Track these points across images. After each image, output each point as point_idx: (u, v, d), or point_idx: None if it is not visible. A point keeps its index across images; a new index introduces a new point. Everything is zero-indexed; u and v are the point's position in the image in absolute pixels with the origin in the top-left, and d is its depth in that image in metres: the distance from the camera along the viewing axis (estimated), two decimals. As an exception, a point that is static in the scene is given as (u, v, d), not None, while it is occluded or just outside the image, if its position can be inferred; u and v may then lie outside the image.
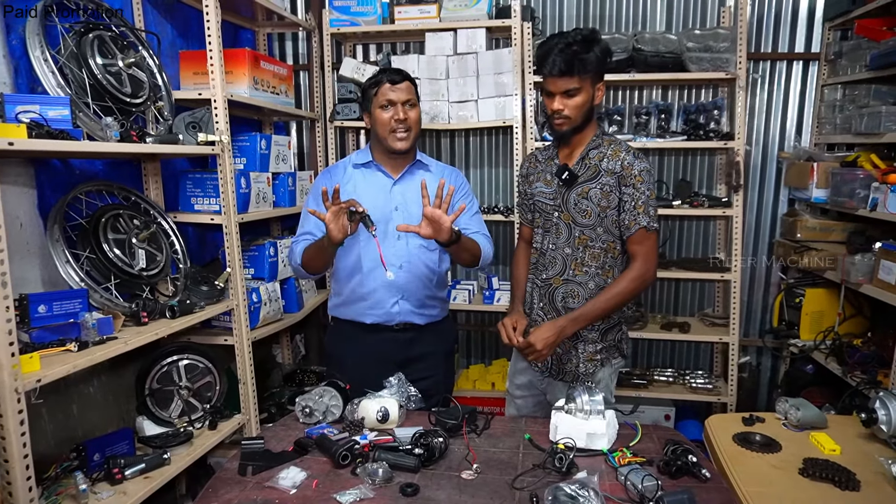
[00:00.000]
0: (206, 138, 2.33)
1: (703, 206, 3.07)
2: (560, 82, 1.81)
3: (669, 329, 3.21)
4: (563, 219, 1.95)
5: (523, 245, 2.20)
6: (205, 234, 2.89)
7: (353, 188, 2.08)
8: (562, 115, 1.85)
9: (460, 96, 3.16)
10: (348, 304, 2.13)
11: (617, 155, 1.88)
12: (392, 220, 2.03)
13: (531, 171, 2.08)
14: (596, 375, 2.01)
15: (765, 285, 3.44)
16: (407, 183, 2.10)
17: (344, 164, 2.16)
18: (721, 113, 3.15)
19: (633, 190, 1.86)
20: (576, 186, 1.91)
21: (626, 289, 1.89)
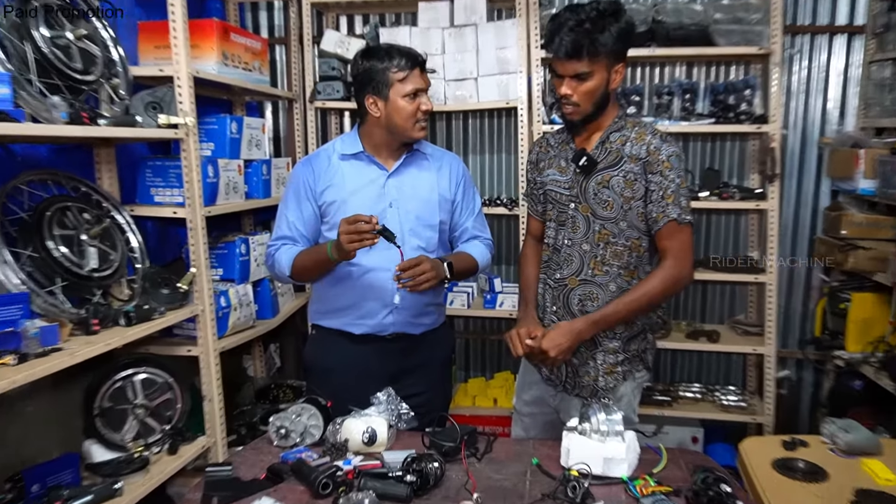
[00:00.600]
0: (168, 121, 2.31)
1: (733, 198, 3.04)
2: (568, 65, 1.79)
3: (696, 338, 3.19)
4: (581, 211, 1.92)
5: (532, 242, 2.17)
6: (166, 230, 2.86)
7: (340, 182, 2.04)
8: (570, 102, 1.84)
9: (458, 74, 3.14)
10: (334, 312, 2.10)
11: (642, 138, 1.85)
12: (386, 220, 2.00)
13: (542, 156, 2.06)
14: (617, 391, 1.98)
15: (805, 289, 3.41)
16: (403, 175, 2.07)
17: (327, 153, 2.10)
18: (753, 93, 3.12)
19: (660, 178, 1.82)
20: (595, 174, 1.88)
21: (656, 290, 1.84)
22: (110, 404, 2.25)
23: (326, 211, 2.05)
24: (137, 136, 2.26)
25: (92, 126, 2.00)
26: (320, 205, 2.05)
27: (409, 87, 1.95)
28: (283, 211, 2.10)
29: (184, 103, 2.37)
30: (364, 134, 2.07)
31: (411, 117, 1.98)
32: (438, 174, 2.11)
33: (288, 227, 2.08)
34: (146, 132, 2.25)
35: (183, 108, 2.37)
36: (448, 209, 2.13)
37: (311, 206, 2.06)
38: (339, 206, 2.02)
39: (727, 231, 3.44)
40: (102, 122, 2.07)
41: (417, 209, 2.06)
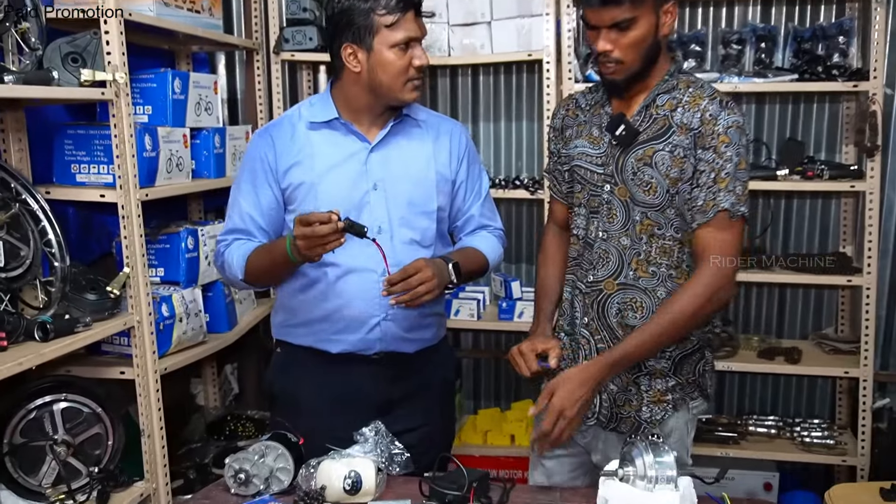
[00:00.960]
0: (92, 77, 2.32)
1: (821, 177, 3.07)
2: (604, 13, 1.79)
3: (771, 358, 3.22)
4: (618, 194, 1.94)
5: (554, 231, 2.19)
6: (91, 218, 2.89)
7: (308, 159, 2.05)
8: (611, 58, 1.84)
9: (466, 17, 3.17)
10: (305, 325, 2.12)
11: (696, 103, 1.86)
12: (369, 206, 2.03)
13: (569, 122, 2.07)
14: (666, 425, 2.00)
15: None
16: (390, 148, 2.08)
17: (291, 120, 2.11)
18: (849, 41, 3.13)
19: (713, 154, 1.83)
20: (636, 147, 1.90)
21: (688, 311, 1.84)
22: (23, 440, 2.27)
23: (292, 196, 2.06)
24: (53, 96, 2.28)
25: (-5, 84, 2.03)
26: (284, 188, 2.06)
27: (399, 36, 1.94)
28: (235, 196, 2.12)
29: (113, 54, 2.38)
30: (339, 95, 2.07)
31: (401, 74, 1.97)
32: (435, 146, 2.13)
33: (241, 217, 2.09)
34: (64, 91, 2.28)
35: (112, 60, 2.38)
36: (448, 191, 2.15)
37: (270, 191, 2.07)
38: (309, 189, 2.04)
39: (812, 219, 3.47)
40: (8, 78, 2.08)
41: (409, 192, 2.07)
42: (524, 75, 3.55)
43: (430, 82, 3.61)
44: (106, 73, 2.36)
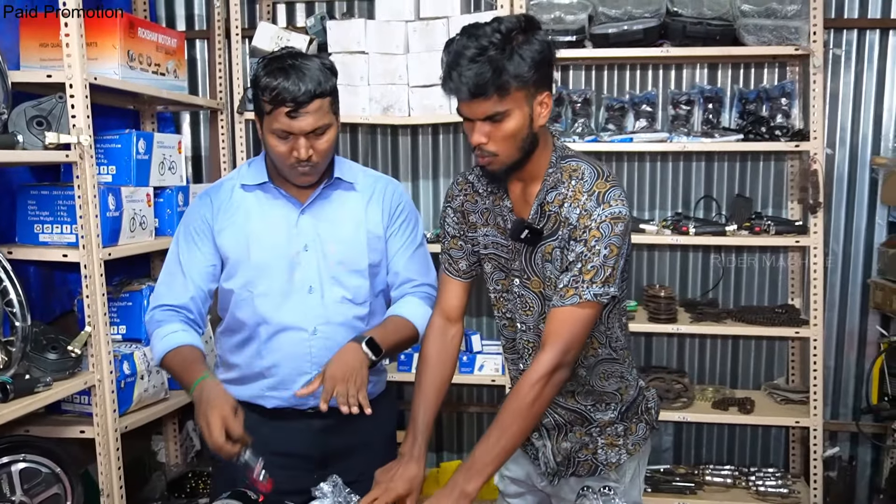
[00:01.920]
0: (57, 140, 2.36)
1: (768, 232, 3.17)
2: (475, 106, 1.72)
3: (725, 408, 3.28)
4: (532, 287, 1.93)
5: (438, 327, 2.07)
6: (53, 276, 2.90)
7: (243, 220, 2.05)
8: (486, 151, 1.78)
9: (425, 79, 3.24)
10: (241, 381, 2.12)
11: (577, 198, 1.82)
12: (300, 266, 2.04)
13: (469, 206, 2.01)
14: (622, 469, 2.03)
15: (858, 344, 3.53)
16: (321, 209, 2.09)
17: (230, 182, 2.11)
18: (791, 102, 3.27)
19: (583, 248, 1.79)
20: (540, 245, 1.88)
21: (536, 398, 1.78)
22: (-21, 502, 2.27)
23: (226, 257, 2.06)
24: (18, 160, 2.33)
25: (-39, 150, 2.06)
26: (219, 248, 2.06)
27: (274, 125, 1.92)
28: (169, 260, 2.09)
29: (78, 117, 2.43)
30: (268, 162, 2.07)
31: (284, 159, 1.95)
32: (368, 206, 2.12)
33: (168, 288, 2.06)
34: (29, 155, 2.31)
35: (77, 123, 2.43)
36: (381, 248, 2.14)
37: (210, 247, 2.06)
38: (242, 250, 2.04)
39: (762, 273, 3.56)
40: (-26, 143, 2.13)
41: (340, 252, 2.07)
42: (482, 134, 3.62)
43: (390, 141, 3.69)
44: (71, 135, 2.40)
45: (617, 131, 3.33)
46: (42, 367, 2.36)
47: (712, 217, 3.46)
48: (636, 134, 3.24)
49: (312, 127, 1.92)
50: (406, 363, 3.40)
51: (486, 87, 1.67)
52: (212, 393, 1.83)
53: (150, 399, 2.82)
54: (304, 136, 1.92)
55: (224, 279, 2.08)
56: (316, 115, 1.92)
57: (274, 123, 1.91)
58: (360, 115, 3.28)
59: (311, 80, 1.91)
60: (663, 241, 3.26)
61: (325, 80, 1.95)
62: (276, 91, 1.88)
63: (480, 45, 1.67)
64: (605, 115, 3.44)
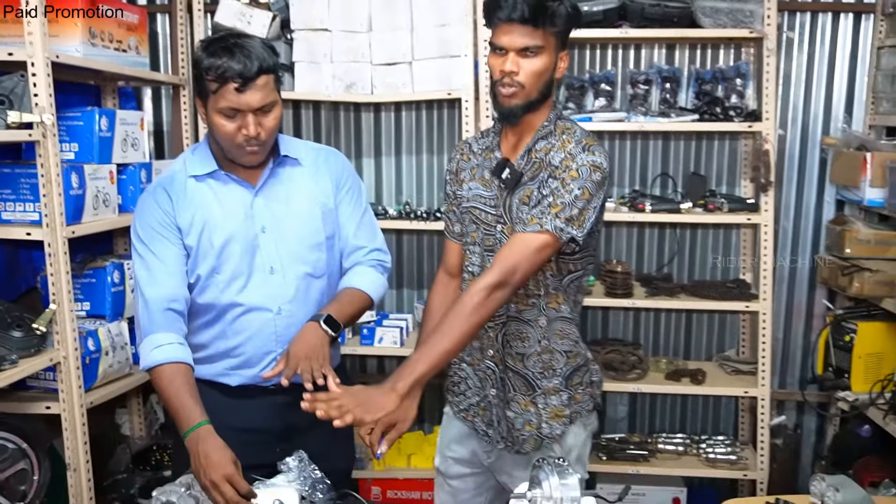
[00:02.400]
0: (19, 118, 2.35)
1: (721, 209, 3.26)
2: (519, 34, 1.89)
3: (678, 379, 3.38)
4: (507, 233, 2.02)
5: (442, 281, 2.26)
6: (16, 254, 2.90)
7: (200, 210, 2.05)
8: (514, 82, 1.92)
9: (389, 57, 3.26)
10: (204, 360, 2.14)
11: (565, 146, 1.97)
12: (260, 248, 2.07)
13: (463, 165, 2.17)
14: (566, 441, 2.12)
15: (806, 318, 3.66)
16: (273, 190, 2.11)
17: (181, 175, 2.08)
18: (745, 83, 3.35)
19: (559, 184, 1.91)
20: (518, 189, 2.01)
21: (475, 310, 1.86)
22: (-54, 478, 2.29)
23: (189, 249, 2.06)
24: (-19, 139, 2.31)
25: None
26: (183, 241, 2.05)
27: (221, 104, 1.91)
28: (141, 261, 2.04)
29: (40, 96, 2.42)
30: (213, 145, 2.07)
31: (231, 139, 1.95)
32: (315, 179, 2.15)
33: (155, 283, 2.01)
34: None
35: (39, 102, 2.42)
36: (333, 220, 2.17)
37: (179, 239, 2.04)
38: (203, 241, 2.04)
39: (714, 249, 3.66)
40: (-64, 123, 2.12)
41: (297, 229, 2.09)
42: (444, 111, 3.67)
43: (353, 119, 3.70)
44: (33, 114, 2.40)
45: (577, 109, 3.38)
46: (7, 344, 2.38)
47: (668, 194, 3.54)
48: (595, 113, 3.29)
49: (261, 103, 1.93)
50: (368, 337, 3.45)
51: (538, 16, 1.86)
52: (210, 449, 1.83)
53: (115, 374, 2.85)
54: (252, 113, 1.92)
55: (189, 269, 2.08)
56: (263, 91, 1.93)
57: (221, 102, 1.90)
58: (323, 93, 3.29)
59: (256, 56, 1.92)
60: (620, 219, 3.33)
61: (269, 56, 1.97)
62: (223, 69, 1.88)
63: None
64: (566, 94, 3.49)
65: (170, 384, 1.95)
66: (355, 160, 3.71)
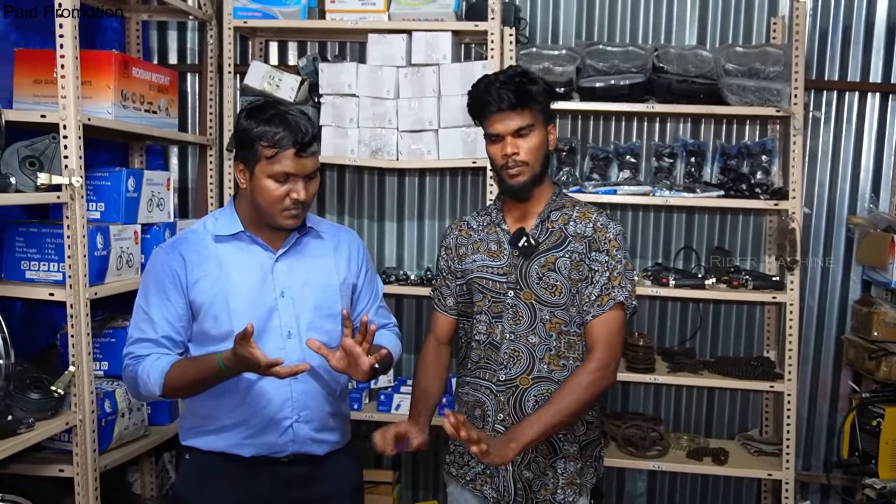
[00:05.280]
0: (49, 181, 2.39)
1: (745, 286, 3.24)
2: (510, 119, 2.11)
3: (699, 458, 3.33)
4: (523, 298, 2.18)
5: (433, 344, 2.38)
6: (37, 310, 2.91)
7: (217, 269, 2.08)
8: (518, 161, 2.12)
9: (414, 124, 3.30)
10: (218, 431, 2.13)
11: (587, 216, 2.20)
12: (277, 311, 2.09)
13: (462, 241, 2.32)
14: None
15: (831, 399, 3.61)
16: (295, 257, 2.15)
17: (198, 235, 2.13)
18: (771, 159, 3.36)
19: (607, 257, 2.15)
20: (537, 256, 2.17)
21: (592, 386, 2.07)
22: (-45, 542, 2.27)
23: (202, 307, 2.08)
24: (11, 202, 2.34)
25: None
26: (192, 300, 2.08)
27: (276, 169, 1.99)
28: (140, 308, 2.09)
29: (70, 158, 2.46)
30: (241, 208, 2.13)
31: (277, 203, 2.02)
32: (336, 254, 2.21)
33: (153, 327, 2.07)
34: (21, 198, 2.34)
35: (69, 164, 2.46)
36: (349, 295, 2.23)
37: (182, 302, 2.08)
38: (220, 299, 2.06)
39: (738, 325, 3.63)
40: (-33, 185, 2.15)
41: (315, 297, 2.14)
42: (469, 178, 3.69)
43: (377, 183, 3.73)
44: (63, 177, 2.43)
45: (601, 181, 3.40)
46: (24, 406, 2.37)
47: (691, 268, 3.53)
48: (620, 185, 3.30)
49: (313, 169, 2.06)
50: (386, 403, 3.44)
51: (523, 99, 2.09)
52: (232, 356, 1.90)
53: (130, 437, 2.84)
54: (303, 179, 2.02)
55: (202, 330, 2.09)
56: (314, 158, 2.06)
57: (276, 167, 1.99)
58: (348, 157, 3.32)
59: (309, 125, 2.04)
60: (644, 292, 3.30)
61: (314, 125, 2.09)
62: (281, 136, 1.98)
63: (509, 76, 2.13)
64: (590, 164, 3.51)
65: (181, 372, 2.02)
66: (378, 223, 3.74)
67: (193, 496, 2.17)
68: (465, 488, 2.29)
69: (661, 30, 3.55)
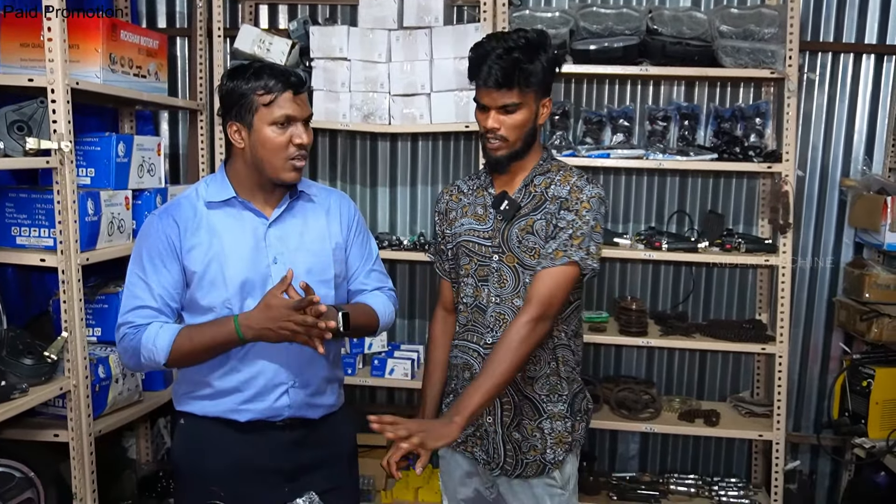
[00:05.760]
0: (37, 145, 2.37)
1: (738, 250, 3.25)
2: (497, 95, 2.06)
3: (691, 420, 3.35)
4: (507, 262, 2.17)
5: (441, 316, 2.41)
6: (28, 277, 2.90)
7: (210, 235, 2.07)
8: (497, 136, 2.10)
9: (406, 87, 3.27)
10: (213, 396, 2.13)
11: (567, 179, 2.17)
12: (271, 277, 2.07)
13: (453, 205, 2.32)
14: (565, 468, 2.22)
15: (822, 361, 3.63)
16: (287, 223, 2.14)
17: (190, 201, 2.12)
18: (765, 122, 3.34)
19: (574, 216, 2.11)
20: (518, 220, 2.16)
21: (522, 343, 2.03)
22: (-48, 507, 2.28)
23: (196, 274, 2.07)
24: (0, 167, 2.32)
25: (-59, 157, 2.07)
26: (186, 266, 2.07)
27: (276, 113, 1.99)
28: (136, 276, 2.07)
29: (59, 122, 2.44)
30: (232, 174, 2.11)
31: (280, 151, 2.01)
32: (328, 218, 2.20)
33: (151, 295, 2.04)
34: (9, 162, 2.33)
35: (58, 129, 2.43)
36: (342, 259, 2.22)
37: (178, 267, 2.07)
38: (214, 266, 2.06)
39: (731, 288, 3.65)
40: (-45, 149, 2.13)
41: (308, 262, 2.12)
42: (461, 143, 3.68)
43: (369, 148, 3.71)
44: (51, 141, 2.41)
45: (594, 144, 3.39)
46: (18, 372, 2.38)
47: (685, 232, 3.53)
48: (613, 149, 3.29)
49: (310, 113, 2.08)
50: (379, 368, 3.44)
51: (511, 80, 2.02)
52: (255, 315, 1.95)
53: (124, 402, 2.84)
54: (304, 122, 2.04)
55: (197, 298, 2.08)
56: (306, 103, 2.07)
57: (276, 112, 2.00)
58: (340, 122, 3.30)
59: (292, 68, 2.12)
60: (636, 256, 3.32)
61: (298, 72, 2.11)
62: (274, 81, 2.00)
63: (507, 47, 2.03)
64: (583, 128, 3.49)
65: (190, 339, 2.01)
66: (370, 189, 3.73)
67: (190, 460, 2.17)
68: (455, 451, 2.31)
69: (656, -9, 3.52)
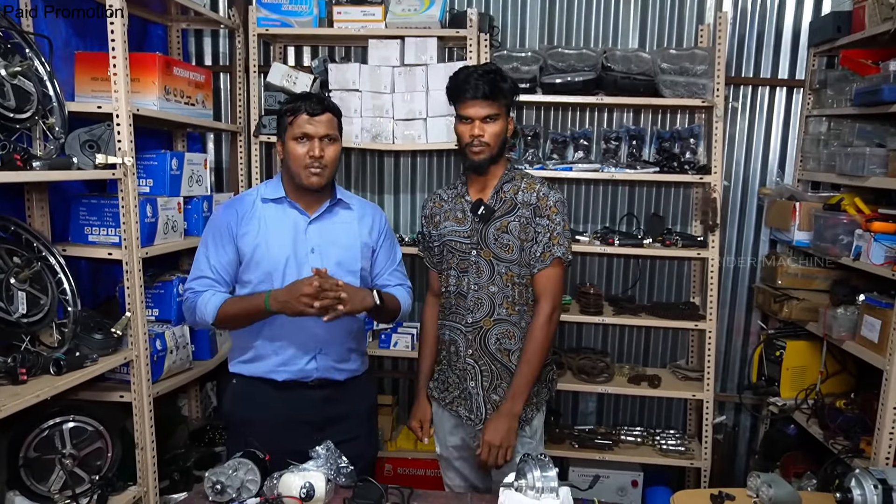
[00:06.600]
0: (105, 161, 2.35)
1: (676, 245, 3.24)
2: (481, 107, 2.11)
3: (638, 383, 3.35)
4: (483, 256, 2.20)
5: (431, 302, 2.42)
6: (99, 267, 2.88)
7: (259, 226, 2.15)
8: (482, 142, 2.13)
9: (407, 113, 3.25)
10: (257, 359, 2.18)
11: (532, 187, 2.20)
12: (307, 264, 2.13)
13: (436, 210, 2.33)
14: (532, 423, 2.25)
15: (744, 335, 3.63)
16: (325, 222, 2.20)
17: (251, 196, 2.22)
18: (698, 142, 3.33)
19: (547, 221, 2.17)
20: (493, 221, 2.18)
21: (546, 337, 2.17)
22: (37, 454, 2.26)
23: (247, 254, 2.14)
24: (73, 178, 2.31)
25: (25, 171, 2.05)
26: (239, 247, 2.15)
27: (296, 131, 2.09)
28: (203, 253, 2.18)
29: (123, 142, 2.42)
30: (284, 180, 2.21)
31: (299, 161, 2.10)
32: (360, 223, 2.25)
33: (210, 268, 2.16)
34: (82, 174, 2.30)
35: (122, 147, 2.41)
36: (369, 256, 2.27)
37: (232, 249, 2.15)
38: (261, 249, 2.13)
39: (670, 277, 3.63)
40: (37, 164, 2.10)
41: (339, 255, 2.18)
42: (452, 158, 3.66)
43: (377, 162, 3.69)
44: (117, 157, 2.40)
45: (560, 160, 3.37)
46: (89, 345, 2.37)
47: (633, 231, 3.52)
48: (575, 164, 3.28)
49: (324, 132, 2.11)
50: (385, 341, 3.44)
51: (495, 92, 2.11)
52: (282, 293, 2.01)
53: (178, 369, 2.83)
54: (318, 139, 2.08)
55: (243, 274, 2.16)
56: (327, 124, 2.12)
57: (296, 129, 2.09)
58: (353, 142, 3.28)
59: (324, 100, 2.15)
60: (593, 250, 3.32)
61: (330, 103, 2.17)
62: (296, 105, 2.10)
63: (485, 70, 2.14)
64: (551, 147, 3.47)
65: (232, 306, 2.11)
66: (378, 196, 3.70)
67: (238, 412, 2.23)
68: (444, 409, 2.32)
69: (609, 36, 3.50)
